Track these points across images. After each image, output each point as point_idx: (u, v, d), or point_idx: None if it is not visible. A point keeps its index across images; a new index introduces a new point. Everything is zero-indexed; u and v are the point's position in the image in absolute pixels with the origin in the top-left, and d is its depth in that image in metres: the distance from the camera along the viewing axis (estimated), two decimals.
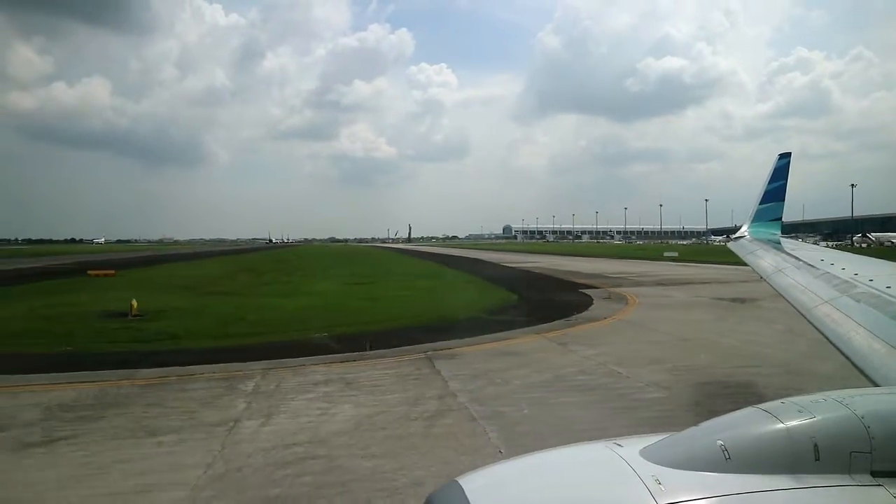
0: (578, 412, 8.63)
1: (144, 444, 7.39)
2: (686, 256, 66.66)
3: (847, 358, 3.24)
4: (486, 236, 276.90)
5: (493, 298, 24.66)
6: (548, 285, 31.97)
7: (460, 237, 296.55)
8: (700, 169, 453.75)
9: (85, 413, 8.68)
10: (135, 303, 20.17)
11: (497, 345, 14.10)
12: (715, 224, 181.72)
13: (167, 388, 10.14)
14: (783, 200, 8.84)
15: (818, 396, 1.96)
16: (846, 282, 4.31)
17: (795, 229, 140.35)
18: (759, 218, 8.81)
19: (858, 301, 3.83)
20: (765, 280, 5.90)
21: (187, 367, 11.72)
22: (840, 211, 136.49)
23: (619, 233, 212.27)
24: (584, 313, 19.78)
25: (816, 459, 1.74)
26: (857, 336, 3.37)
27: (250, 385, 10.32)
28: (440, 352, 13.10)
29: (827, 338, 3.65)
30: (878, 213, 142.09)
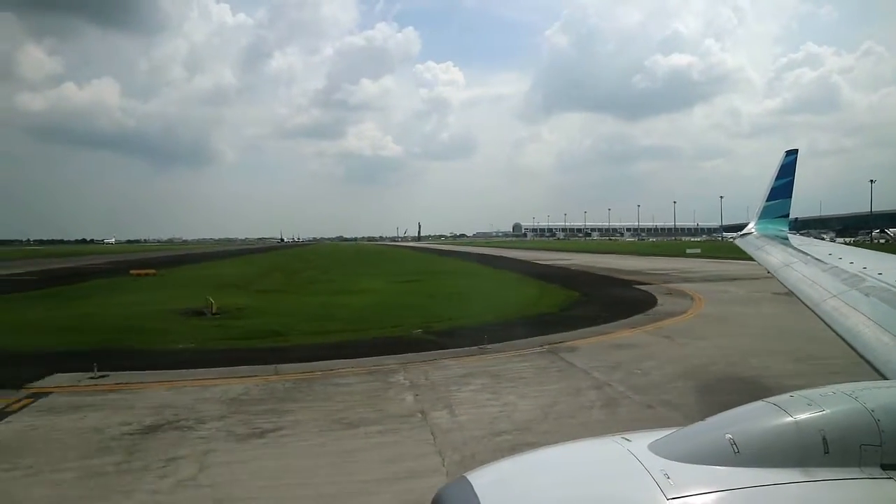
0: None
1: (356, 434, 7.70)
2: (708, 253, 66.82)
3: (856, 351, 3.23)
4: (494, 234, 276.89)
5: (555, 295, 24.91)
6: (599, 282, 32.19)
7: (468, 235, 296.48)
8: (707, 166, 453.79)
9: (267, 406, 9.01)
10: (213, 301, 20.60)
11: (603, 338, 14.40)
12: (727, 221, 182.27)
13: (322, 383, 10.46)
14: (790, 197, 8.92)
15: (827, 389, 1.97)
16: (855, 276, 4.29)
17: (807, 225, 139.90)
18: (766, 214, 8.87)
19: (867, 295, 3.81)
20: (773, 275, 5.91)
21: (318, 362, 12.04)
22: (849, 207, 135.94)
23: (628, 230, 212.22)
24: (657, 309, 20.03)
25: (826, 453, 1.73)
26: (867, 330, 3.36)
27: (400, 378, 10.65)
28: (557, 345, 13.41)
29: (836, 332, 3.63)
30: (888, 209, 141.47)
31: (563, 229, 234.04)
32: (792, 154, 9.09)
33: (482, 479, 1.80)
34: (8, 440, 7.63)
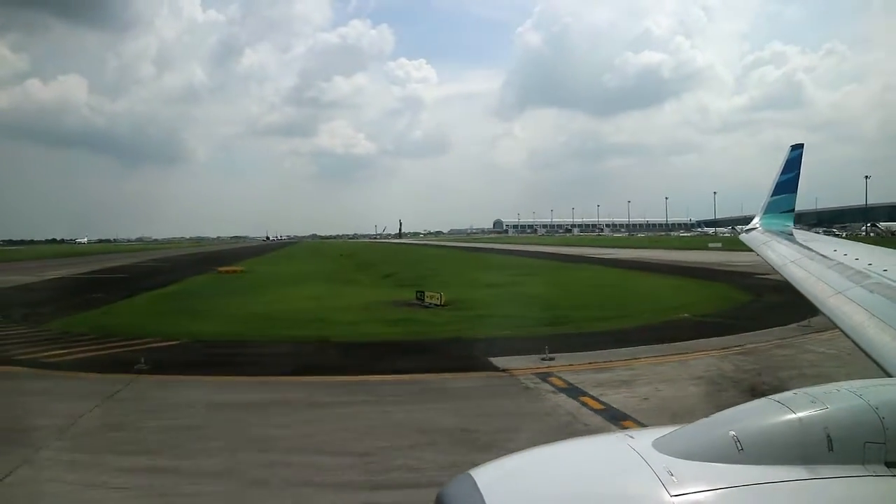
0: None
1: None
2: (729, 247, 71.00)
3: (860, 348, 3.19)
4: (469, 231, 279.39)
5: (714, 289, 27.11)
6: (723, 275, 33.27)
7: (444, 232, 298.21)
8: (677, 162, 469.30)
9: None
10: (441, 294, 22.82)
11: None
12: (694, 217, 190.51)
13: (702, 362, 12.79)
14: (795, 192, 8.92)
15: (831, 387, 1.97)
16: (859, 272, 4.22)
17: (800, 220, 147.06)
18: (771, 209, 8.84)
19: (872, 292, 3.76)
20: (778, 271, 5.93)
21: (657, 345, 14.29)
22: (816, 202, 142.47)
23: (607, 226, 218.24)
24: None
25: (830, 450, 1.73)
26: (871, 326, 3.31)
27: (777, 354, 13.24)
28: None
29: (840, 328, 3.57)
30: (858, 204, 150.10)
31: (544, 225, 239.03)
32: (797, 148, 9.07)
33: (486, 475, 1.81)
34: None
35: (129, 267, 54.85)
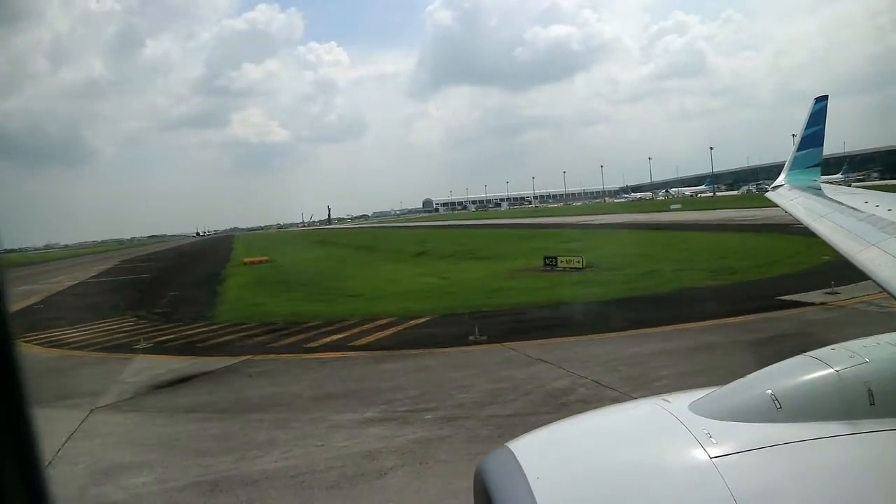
0: None
1: None
2: (692, 207, 77.12)
3: None
4: (397, 213, 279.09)
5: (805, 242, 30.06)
6: (760, 229, 34.34)
7: (368, 216, 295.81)
8: (589, 132, 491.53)
9: None
10: (583, 257, 24.24)
11: None
12: (617, 184, 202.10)
13: None
14: (821, 146, 8.84)
15: (870, 340, 1.97)
16: (893, 223, 4.15)
17: (685, 183, 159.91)
18: (796, 165, 8.77)
19: None
20: (809, 227, 5.90)
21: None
22: (719, 164, 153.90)
23: (535, 198, 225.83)
24: None
25: (871, 404, 1.72)
26: None
27: None
28: None
29: (875, 281, 3.53)
30: (758, 164, 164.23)
31: (474, 202, 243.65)
32: (821, 101, 8.91)
33: (524, 448, 1.82)
34: None
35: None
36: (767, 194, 9.19)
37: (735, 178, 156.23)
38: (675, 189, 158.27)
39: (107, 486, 7.12)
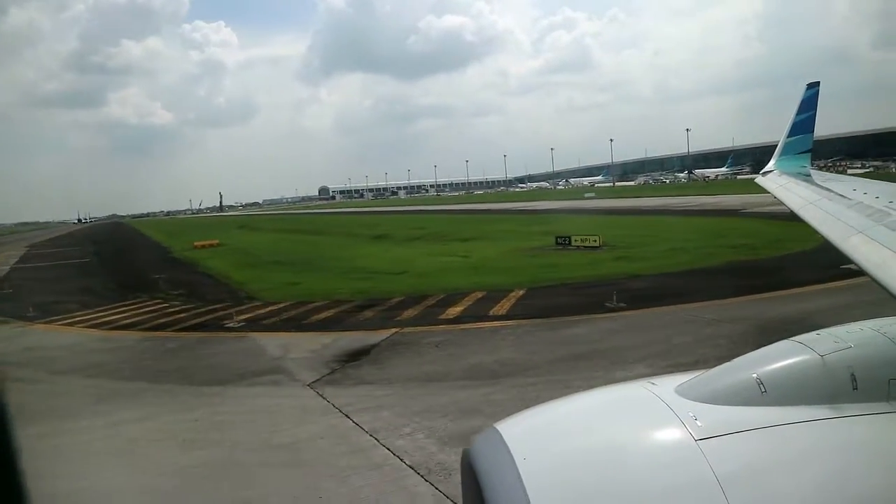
0: None
1: None
2: (607, 195, 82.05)
3: (882, 287, 3.17)
4: (285, 201, 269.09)
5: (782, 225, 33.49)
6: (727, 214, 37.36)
7: (260, 203, 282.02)
8: (481, 123, 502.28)
9: None
10: (599, 236, 25.00)
11: None
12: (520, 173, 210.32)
13: None
14: (812, 132, 8.88)
15: (854, 326, 2.02)
16: (880, 210, 4.19)
17: (591, 173, 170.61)
18: (787, 151, 8.77)
19: (894, 230, 3.74)
20: (797, 214, 5.95)
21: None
22: (604, 157, 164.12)
23: (432, 186, 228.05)
24: None
25: (854, 389, 1.76)
26: (894, 264, 3.29)
27: None
28: None
29: (861, 267, 3.56)
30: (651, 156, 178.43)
31: (371, 189, 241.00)
32: (813, 87, 8.97)
33: (512, 429, 1.83)
34: None
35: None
36: (757, 180, 9.19)
37: (625, 170, 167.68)
38: (575, 179, 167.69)
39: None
